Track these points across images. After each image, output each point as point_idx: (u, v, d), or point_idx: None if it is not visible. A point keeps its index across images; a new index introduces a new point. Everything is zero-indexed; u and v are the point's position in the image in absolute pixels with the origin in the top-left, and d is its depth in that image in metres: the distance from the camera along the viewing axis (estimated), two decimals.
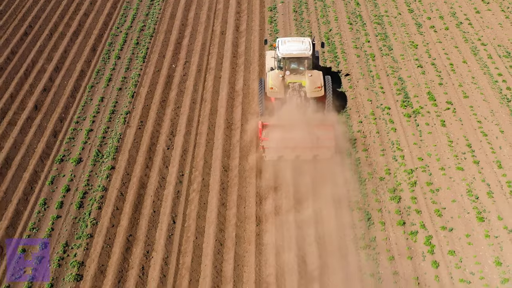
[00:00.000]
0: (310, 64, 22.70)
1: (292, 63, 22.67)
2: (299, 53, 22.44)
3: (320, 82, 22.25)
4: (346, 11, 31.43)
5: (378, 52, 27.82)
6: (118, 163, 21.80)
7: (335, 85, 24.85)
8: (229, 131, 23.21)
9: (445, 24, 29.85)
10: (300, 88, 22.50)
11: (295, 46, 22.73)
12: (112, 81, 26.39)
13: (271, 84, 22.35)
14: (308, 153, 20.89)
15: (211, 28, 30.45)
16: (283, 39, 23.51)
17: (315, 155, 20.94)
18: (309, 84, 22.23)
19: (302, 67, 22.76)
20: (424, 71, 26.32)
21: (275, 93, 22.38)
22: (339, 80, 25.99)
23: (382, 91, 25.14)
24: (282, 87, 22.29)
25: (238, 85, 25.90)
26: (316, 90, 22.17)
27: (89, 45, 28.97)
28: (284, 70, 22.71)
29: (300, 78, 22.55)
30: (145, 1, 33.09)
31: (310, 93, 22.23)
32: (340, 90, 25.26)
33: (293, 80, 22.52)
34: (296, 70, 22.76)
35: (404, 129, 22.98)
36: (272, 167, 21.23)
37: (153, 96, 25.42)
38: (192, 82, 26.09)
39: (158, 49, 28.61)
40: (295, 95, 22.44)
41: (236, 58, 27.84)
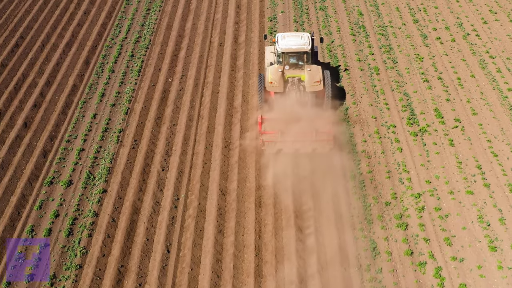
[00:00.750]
0: (309, 58, 22.95)
1: (291, 58, 22.89)
2: (298, 47, 22.63)
3: (319, 76, 22.46)
4: (349, 21, 30.38)
5: (382, 65, 26.76)
6: (110, 186, 20.74)
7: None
8: (227, 151, 22.15)
9: (451, 35, 28.79)
10: (299, 82, 22.75)
11: (294, 41, 22.93)
12: (106, 96, 25.33)
13: (270, 78, 22.54)
14: (307, 146, 21.08)
15: (209, 39, 29.39)
16: (282, 34, 23.63)
17: (314, 148, 21.13)
18: (308, 78, 22.42)
19: (301, 62, 22.97)
20: (430, 86, 25.26)
21: (274, 88, 22.62)
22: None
23: (387, 107, 24.08)
24: (282, 81, 22.53)
25: (236, 100, 24.84)
26: (315, 84, 22.40)
27: (82, 57, 27.92)
28: (283, 64, 22.88)
29: (299, 73, 22.78)
30: (141, 11, 32.04)
31: (309, 87, 22.45)
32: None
33: (292, 75, 22.75)
34: (295, 65, 22.98)
35: (411, 149, 21.92)
36: (272, 189, 20.21)
37: (148, 112, 24.36)
38: (188, 97, 25.04)
39: (153, 62, 27.55)
40: (294, 89, 22.71)
41: (234, 72, 26.78)
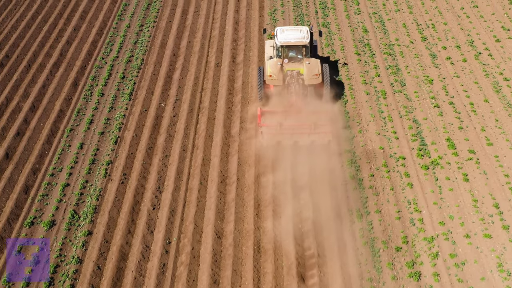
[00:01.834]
0: (308, 52, 23.10)
1: (290, 51, 23.09)
2: (297, 41, 22.80)
3: (317, 69, 22.62)
4: (353, 39, 28.69)
5: (389, 88, 25.10)
6: (96, 227, 19.09)
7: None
8: (223, 186, 20.50)
9: (462, 55, 27.11)
10: (298, 75, 22.83)
11: (293, 34, 23.09)
12: (94, 123, 23.67)
13: (269, 72, 22.72)
14: (305, 138, 21.23)
15: (205, 59, 27.71)
16: (281, 28, 23.78)
17: (312, 140, 21.29)
18: (307, 71, 22.59)
19: (300, 55, 23.14)
20: (441, 111, 23.60)
21: (273, 81, 22.84)
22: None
23: (395, 136, 22.43)
24: (281, 74, 22.71)
25: (234, 128, 23.19)
26: (314, 78, 22.59)
27: (71, 78, 26.25)
28: (282, 58, 23.04)
29: (298, 66, 22.92)
30: (133, 27, 30.37)
31: (308, 80, 22.63)
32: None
33: (291, 68, 22.90)
34: (294, 58, 23.15)
35: (422, 184, 20.27)
36: (271, 231, 18.57)
37: (139, 142, 22.70)
38: (182, 124, 23.38)
39: (146, 84, 25.88)
40: (293, 82, 22.79)
41: (232, 96, 25.12)
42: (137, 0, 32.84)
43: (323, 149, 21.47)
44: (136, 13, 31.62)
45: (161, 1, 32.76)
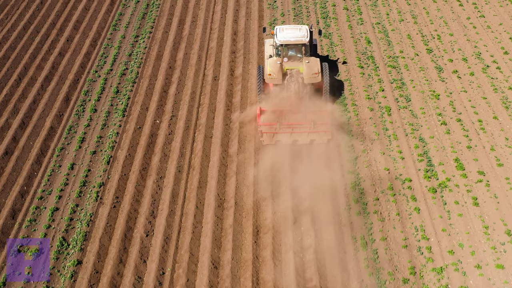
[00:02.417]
0: (307, 50, 23.03)
1: (289, 50, 23.06)
2: (296, 40, 22.70)
3: (317, 68, 22.56)
4: (356, 50, 27.67)
5: (394, 104, 24.08)
6: (86, 255, 18.08)
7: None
8: (220, 211, 19.49)
9: (469, 68, 26.09)
10: (297, 74, 22.77)
11: (292, 33, 23.01)
12: (86, 141, 22.65)
13: (269, 70, 22.66)
14: (305, 137, 21.38)
15: (203, 72, 26.69)
16: (281, 27, 23.63)
17: (312, 139, 21.44)
18: (306, 70, 22.55)
19: (299, 54, 23.09)
20: (448, 129, 22.59)
21: (273, 80, 22.76)
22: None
23: (401, 156, 21.42)
24: (280, 73, 22.64)
25: (232, 147, 22.18)
26: (313, 76, 22.53)
27: (62, 93, 25.24)
28: (282, 57, 22.99)
29: (298, 65, 22.90)
30: (128, 38, 29.34)
31: (307, 79, 22.56)
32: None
33: (290, 67, 22.88)
34: (293, 57, 23.12)
35: (429, 209, 19.26)
36: (271, 260, 17.56)
37: (133, 162, 21.69)
38: (178, 143, 22.36)
39: (141, 99, 24.87)
40: (292, 81, 22.73)
41: (230, 112, 24.09)
42: (133, 10, 31.81)
43: (326, 171, 20.50)
44: (132, 23, 30.61)
45: (157, 10, 31.75)
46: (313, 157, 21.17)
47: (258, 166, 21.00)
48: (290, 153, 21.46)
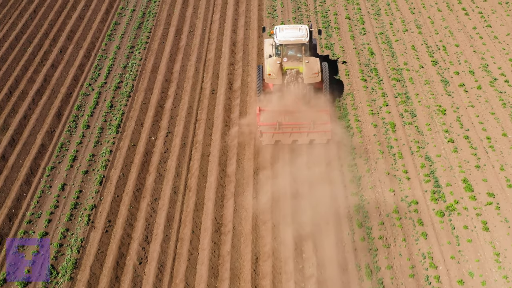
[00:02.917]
0: (307, 50, 22.85)
1: (289, 50, 22.91)
2: (296, 39, 22.60)
3: (317, 68, 22.44)
4: (359, 62, 26.74)
5: (399, 119, 23.16)
6: (76, 285, 17.13)
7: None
8: (217, 236, 18.56)
9: (476, 81, 25.16)
10: (297, 74, 22.67)
11: (292, 33, 22.92)
12: (78, 160, 21.73)
13: (269, 70, 22.54)
14: (304, 137, 21.33)
15: (200, 85, 25.76)
16: (280, 27, 23.54)
17: (311, 139, 21.39)
18: (306, 70, 22.45)
19: (299, 54, 22.94)
20: (456, 147, 21.67)
21: (273, 80, 22.62)
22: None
23: (406, 176, 20.49)
24: (280, 73, 22.53)
25: (230, 166, 21.25)
26: (313, 76, 22.40)
27: (54, 108, 24.30)
28: (281, 56, 22.86)
29: (298, 65, 22.77)
30: (123, 49, 28.39)
31: (307, 79, 22.44)
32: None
33: (290, 67, 22.75)
34: (293, 57, 22.98)
35: (437, 234, 18.34)
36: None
37: (126, 182, 20.76)
38: (174, 162, 21.44)
39: (135, 114, 23.94)
40: (292, 81, 22.64)
41: (228, 128, 23.17)
42: (128, 19, 30.89)
43: (328, 193, 19.60)
44: (127, 33, 29.68)
45: (153, 20, 30.82)
46: (315, 177, 20.24)
47: (258, 187, 20.10)
48: (290, 172, 20.56)
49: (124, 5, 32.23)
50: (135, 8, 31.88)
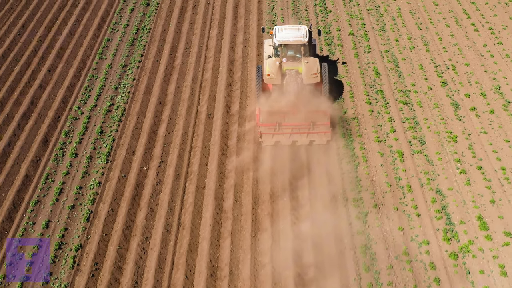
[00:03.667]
0: (306, 51, 22.78)
1: (288, 50, 22.82)
2: (295, 40, 22.52)
3: (316, 68, 22.38)
4: (364, 83, 25.31)
5: (407, 147, 21.74)
6: None
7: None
8: (213, 281, 17.13)
9: (488, 104, 23.74)
10: (296, 74, 22.56)
11: (291, 33, 22.82)
12: (64, 193, 20.31)
13: (268, 71, 22.47)
14: (304, 138, 21.25)
15: (196, 109, 24.33)
16: (280, 27, 23.46)
17: (311, 140, 21.33)
18: (305, 70, 22.38)
19: (298, 54, 22.85)
20: (469, 179, 20.25)
21: (272, 80, 22.54)
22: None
23: (416, 213, 19.06)
24: (279, 73, 22.43)
25: (227, 201, 19.83)
26: (313, 77, 22.33)
27: (41, 134, 22.89)
28: (281, 57, 22.73)
29: (297, 65, 22.65)
30: (115, 68, 26.97)
31: (306, 79, 22.38)
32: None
33: (289, 67, 22.63)
34: (292, 57, 22.86)
35: (451, 280, 16.91)
36: None
37: (116, 218, 19.34)
38: (167, 195, 20.02)
39: (127, 141, 22.52)
40: (292, 81, 22.55)
41: (225, 157, 21.75)
42: (121, 35, 29.44)
43: (333, 231, 18.21)
44: (120, 50, 28.24)
45: (148, 36, 29.40)
46: (318, 214, 18.85)
47: (256, 224, 18.71)
48: (291, 208, 19.17)
49: (117, 20, 30.81)
50: (128, 23, 30.46)
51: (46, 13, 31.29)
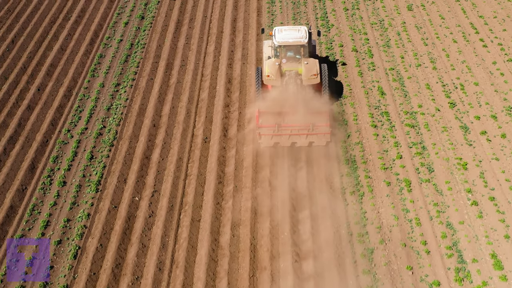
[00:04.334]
0: (306, 52, 22.69)
1: (288, 51, 22.73)
2: (295, 41, 22.46)
3: (316, 69, 22.28)
4: (368, 104, 24.11)
5: (414, 176, 20.53)
6: None
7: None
8: None
9: (500, 128, 22.52)
10: (296, 75, 22.40)
11: (291, 34, 22.73)
12: (51, 226, 19.11)
13: (267, 72, 22.33)
14: (303, 140, 21.08)
15: (191, 132, 23.14)
16: (279, 28, 23.38)
17: (310, 142, 21.17)
18: (305, 71, 22.29)
19: (298, 55, 22.76)
20: (481, 211, 19.05)
21: (271, 81, 22.42)
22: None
23: (425, 249, 17.86)
24: (279, 75, 22.29)
25: (224, 235, 18.63)
26: (312, 78, 22.26)
27: (28, 159, 21.70)
28: (280, 58, 22.61)
29: (296, 66, 22.54)
30: (108, 87, 25.76)
31: (306, 80, 22.31)
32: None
33: (289, 68, 22.53)
34: (292, 58, 22.72)
35: None
36: None
37: (105, 255, 18.13)
38: (160, 229, 18.82)
39: (118, 167, 21.33)
40: (291, 82, 22.38)
41: (222, 185, 20.56)
42: (114, 51, 28.25)
43: (337, 272, 17.00)
44: (112, 67, 27.04)
45: (142, 52, 28.18)
46: (321, 251, 17.65)
47: (255, 262, 17.50)
48: (292, 244, 17.97)
49: (110, 34, 29.62)
50: (122, 38, 29.27)
51: (37, 26, 30.15)
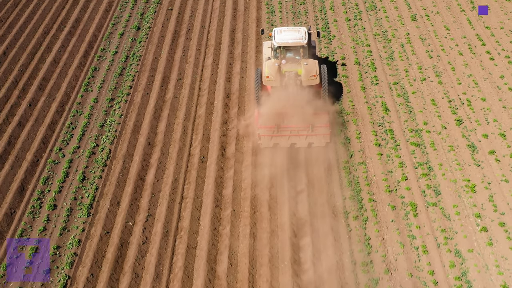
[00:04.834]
0: (305, 53, 22.55)
1: (287, 52, 22.61)
2: (294, 42, 22.31)
3: (315, 70, 22.13)
4: (372, 121, 23.22)
5: (420, 199, 19.65)
6: None
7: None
8: None
9: (509, 147, 21.62)
10: (296, 76, 22.26)
11: (290, 35, 22.59)
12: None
13: (267, 72, 22.18)
14: (303, 140, 21.17)
15: (188, 151, 22.25)
16: (279, 29, 23.24)
17: (310, 143, 21.28)
18: (304, 72, 22.13)
19: (297, 56, 22.62)
20: (491, 238, 18.17)
21: (271, 82, 22.26)
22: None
23: (433, 280, 16.98)
24: (278, 75, 22.12)
25: (221, 264, 17.74)
26: (312, 79, 22.12)
27: (17, 181, 20.82)
28: (280, 59, 22.45)
29: (296, 67, 22.37)
30: (102, 103, 24.86)
31: (305, 81, 22.20)
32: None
33: (289, 69, 22.34)
34: (292, 59, 22.58)
35: None
36: None
37: (96, 286, 17.25)
38: (154, 257, 17.93)
39: (111, 190, 20.45)
40: (291, 83, 22.25)
41: (220, 209, 19.68)
42: (109, 63, 27.35)
43: None
44: (107, 81, 26.15)
45: (137, 64, 27.28)
46: (323, 282, 16.79)
47: None
48: (293, 273, 17.09)
49: (105, 46, 28.73)
50: (117, 50, 28.37)
51: (30, 38, 29.24)
